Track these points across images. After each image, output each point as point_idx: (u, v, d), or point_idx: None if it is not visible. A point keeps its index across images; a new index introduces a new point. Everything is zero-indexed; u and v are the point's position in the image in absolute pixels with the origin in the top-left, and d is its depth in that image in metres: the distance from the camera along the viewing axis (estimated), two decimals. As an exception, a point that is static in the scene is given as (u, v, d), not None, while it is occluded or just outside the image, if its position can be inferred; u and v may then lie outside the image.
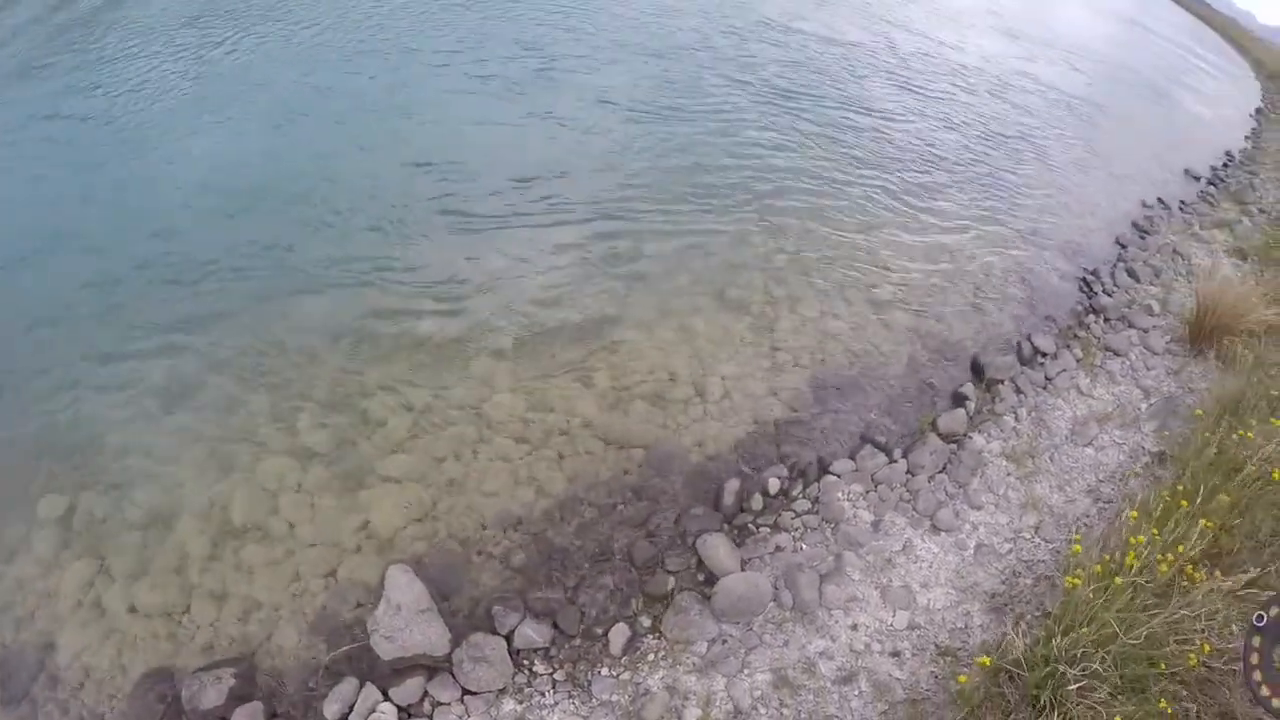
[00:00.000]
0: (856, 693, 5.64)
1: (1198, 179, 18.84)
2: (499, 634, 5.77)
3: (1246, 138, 25.19)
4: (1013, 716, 5.07)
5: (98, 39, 15.26)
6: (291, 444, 7.08)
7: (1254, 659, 3.65)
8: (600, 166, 11.77)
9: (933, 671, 5.80)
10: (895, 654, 5.96)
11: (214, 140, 11.59)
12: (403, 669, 5.50)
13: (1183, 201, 16.88)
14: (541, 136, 12.43)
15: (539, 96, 13.76)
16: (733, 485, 7.19)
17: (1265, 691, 3.57)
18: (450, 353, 8.12)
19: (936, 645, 6.02)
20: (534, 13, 17.97)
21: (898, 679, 5.75)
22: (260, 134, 11.92)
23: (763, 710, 5.47)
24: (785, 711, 5.48)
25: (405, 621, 5.61)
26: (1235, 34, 59.45)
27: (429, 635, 5.58)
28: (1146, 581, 5.39)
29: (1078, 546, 6.23)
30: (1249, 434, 7.13)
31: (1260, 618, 3.69)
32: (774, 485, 7.34)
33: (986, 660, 5.29)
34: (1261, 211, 17.22)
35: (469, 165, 11.33)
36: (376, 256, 9.32)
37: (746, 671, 5.72)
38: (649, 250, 10.03)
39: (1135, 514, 6.30)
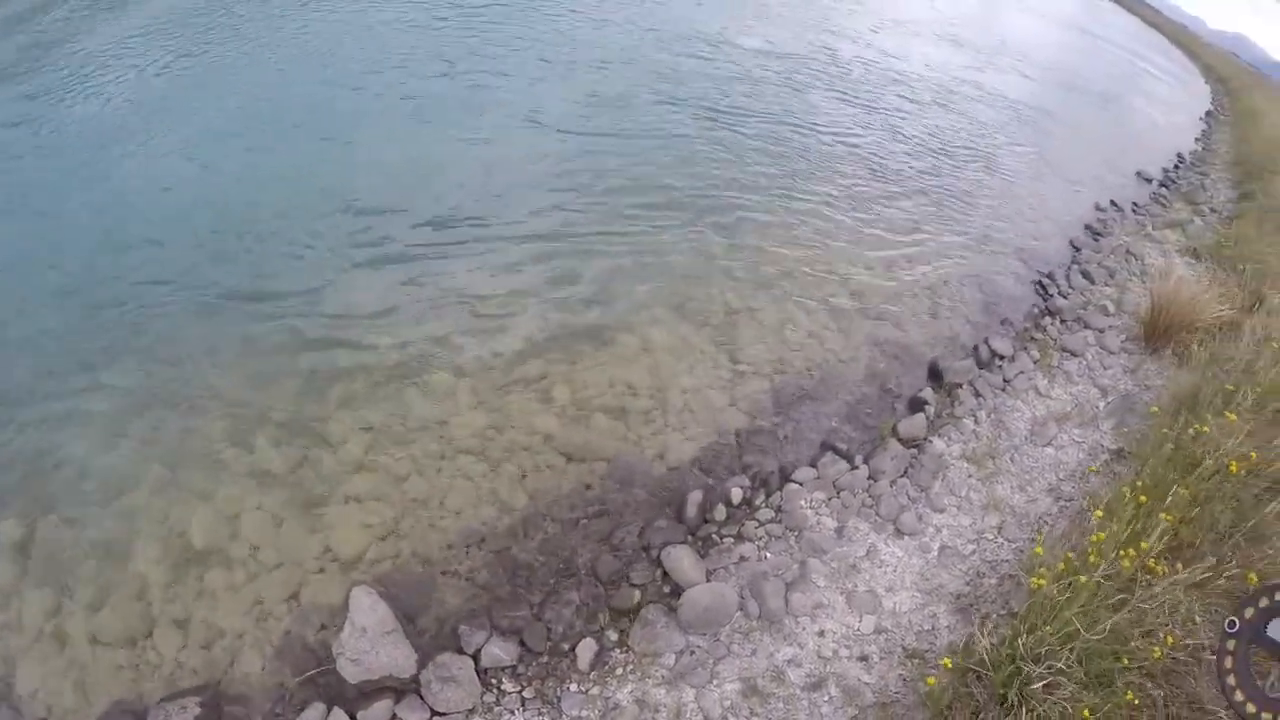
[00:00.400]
0: (826, 699, 5.65)
1: (1150, 181, 19.18)
2: (466, 653, 5.74)
3: (1197, 140, 25.70)
4: (981, 716, 5.10)
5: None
6: (250, 466, 7.00)
7: (1228, 663, 3.64)
8: (553, 186, 11.69)
9: (901, 674, 5.84)
10: (863, 658, 5.99)
11: (162, 166, 11.45)
12: (370, 692, 5.46)
13: (1135, 203, 17.16)
14: (500, 157, 12.32)
15: (495, 117, 13.73)
16: (695, 496, 7.19)
17: (1240, 696, 3.56)
18: (408, 372, 8.05)
19: (904, 648, 6.06)
20: (474, 32, 17.94)
21: (867, 683, 5.77)
22: (201, 158, 11.77)
23: (733, 720, 5.48)
24: (755, 720, 5.49)
25: (371, 643, 5.57)
26: (1184, 39, 60.65)
27: (395, 657, 5.55)
28: (1109, 578, 5.44)
29: (1040, 548, 6.29)
30: (1205, 428, 7.22)
31: (1233, 624, 3.67)
32: (737, 495, 7.35)
33: (955, 661, 5.33)
34: (1213, 211, 17.56)
35: (419, 191, 11.18)
36: (332, 281, 9.20)
37: (715, 682, 5.72)
38: (606, 266, 10.00)
39: (1101, 513, 6.38)
